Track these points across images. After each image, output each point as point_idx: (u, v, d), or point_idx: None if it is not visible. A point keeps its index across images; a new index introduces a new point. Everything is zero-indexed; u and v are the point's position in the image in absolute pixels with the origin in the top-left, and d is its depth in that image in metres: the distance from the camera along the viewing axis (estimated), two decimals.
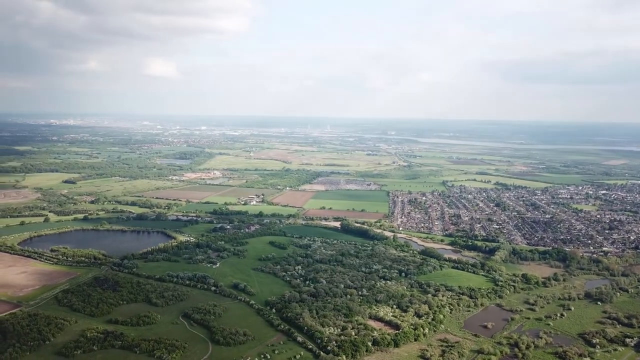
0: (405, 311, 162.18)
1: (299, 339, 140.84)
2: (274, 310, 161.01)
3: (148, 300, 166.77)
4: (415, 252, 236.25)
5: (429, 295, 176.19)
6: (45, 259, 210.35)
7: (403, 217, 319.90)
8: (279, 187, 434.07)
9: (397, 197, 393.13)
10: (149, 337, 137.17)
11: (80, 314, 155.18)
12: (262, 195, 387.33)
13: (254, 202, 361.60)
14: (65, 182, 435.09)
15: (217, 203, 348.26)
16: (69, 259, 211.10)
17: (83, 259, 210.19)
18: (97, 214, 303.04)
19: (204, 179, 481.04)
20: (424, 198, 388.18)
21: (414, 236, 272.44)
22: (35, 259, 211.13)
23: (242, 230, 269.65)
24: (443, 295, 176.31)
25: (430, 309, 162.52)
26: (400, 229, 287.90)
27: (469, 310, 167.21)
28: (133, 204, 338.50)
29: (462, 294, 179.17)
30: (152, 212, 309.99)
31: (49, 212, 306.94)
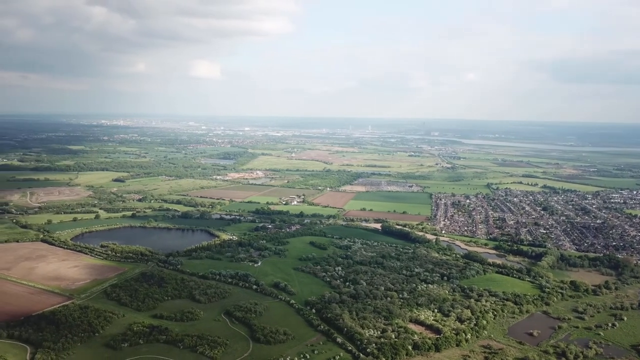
0: (447, 315, 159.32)
1: (339, 340, 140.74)
2: (313, 310, 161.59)
3: (191, 297, 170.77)
4: (457, 255, 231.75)
5: (472, 300, 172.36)
6: (96, 254, 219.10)
7: (446, 220, 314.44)
8: (319, 187, 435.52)
9: (440, 199, 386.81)
10: (192, 333, 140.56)
11: (127, 308, 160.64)
12: (303, 195, 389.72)
13: (295, 202, 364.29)
14: (115, 180, 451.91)
15: (259, 203, 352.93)
16: (117, 254, 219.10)
17: (131, 255, 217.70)
18: (145, 212, 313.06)
19: (246, 178, 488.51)
20: (467, 201, 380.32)
21: (456, 239, 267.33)
22: (86, 253, 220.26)
23: (283, 230, 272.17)
24: (486, 301, 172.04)
25: (472, 314, 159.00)
26: (443, 232, 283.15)
27: (513, 317, 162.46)
28: (178, 202, 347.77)
29: (507, 299, 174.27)
30: (197, 211, 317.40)
31: (100, 209, 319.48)
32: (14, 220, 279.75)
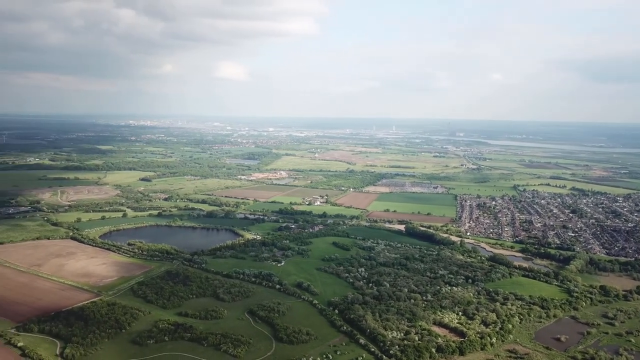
0: (472, 319, 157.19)
1: (361, 341, 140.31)
2: (336, 311, 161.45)
3: (216, 296, 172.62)
4: (483, 258, 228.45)
5: (497, 303, 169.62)
6: (123, 252, 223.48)
7: (471, 222, 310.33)
8: (342, 188, 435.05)
9: (465, 201, 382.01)
10: (216, 331, 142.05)
11: (153, 305, 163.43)
12: (326, 196, 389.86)
13: (318, 203, 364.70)
14: (142, 180, 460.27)
15: (282, 203, 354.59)
16: (144, 252, 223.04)
17: (157, 253, 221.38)
18: (170, 211, 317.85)
19: (270, 179, 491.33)
20: (493, 202, 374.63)
21: (482, 242, 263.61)
22: (113, 251, 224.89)
23: (306, 230, 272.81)
24: (512, 304, 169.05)
25: (498, 318, 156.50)
26: (468, 234, 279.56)
27: (540, 321, 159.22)
28: (203, 202, 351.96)
29: (533, 303, 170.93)
30: (221, 210, 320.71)
31: (127, 208, 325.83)
32: (45, 218, 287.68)
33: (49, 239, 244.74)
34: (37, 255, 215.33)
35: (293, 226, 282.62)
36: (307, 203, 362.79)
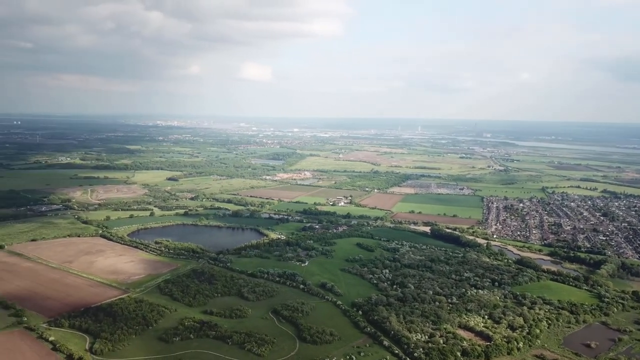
0: (498, 322, 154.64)
1: (385, 343, 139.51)
2: (360, 312, 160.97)
3: (240, 295, 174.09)
4: (510, 261, 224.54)
5: (525, 307, 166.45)
6: (150, 250, 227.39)
7: (498, 224, 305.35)
8: (367, 189, 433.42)
9: (492, 202, 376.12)
10: (240, 330, 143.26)
11: (179, 303, 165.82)
12: (350, 196, 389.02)
13: (342, 203, 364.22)
14: (169, 179, 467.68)
15: (306, 203, 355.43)
16: (170, 251, 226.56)
17: (183, 251, 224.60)
18: (197, 210, 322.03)
19: (295, 179, 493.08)
20: (521, 205, 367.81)
21: (509, 244, 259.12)
22: (141, 249, 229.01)
23: (330, 231, 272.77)
24: (540, 309, 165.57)
25: (525, 322, 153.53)
26: (495, 236, 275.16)
27: (569, 327, 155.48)
28: (229, 201, 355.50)
29: (562, 308, 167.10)
30: (246, 210, 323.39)
31: (154, 206, 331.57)
32: (76, 216, 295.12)
33: (79, 236, 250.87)
34: (68, 252, 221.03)
35: (317, 226, 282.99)
36: (331, 203, 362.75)
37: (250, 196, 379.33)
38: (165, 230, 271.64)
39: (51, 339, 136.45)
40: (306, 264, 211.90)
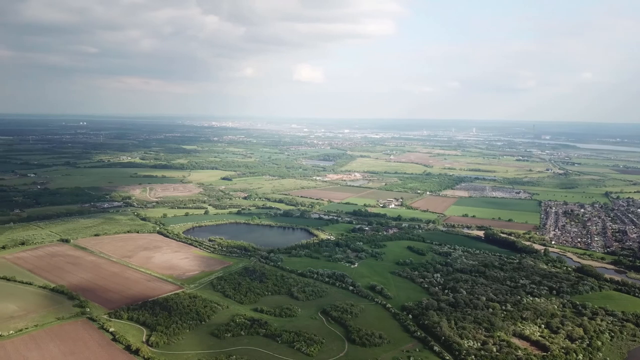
0: (556, 332, 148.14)
1: (435, 348, 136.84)
2: (410, 316, 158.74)
3: (290, 294, 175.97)
4: (569, 268, 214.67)
5: (585, 318, 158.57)
6: (204, 247, 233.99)
7: (556, 230, 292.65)
8: (418, 191, 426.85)
9: (550, 207, 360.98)
10: (289, 329, 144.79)
11: (231, 300, 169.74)
12: (401, 198, 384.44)
13: (393, 206, 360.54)
14: (223, 179, 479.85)
15: (356, 204, 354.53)
16: (223, 248, 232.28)
17: (235, 249, 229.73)
18: (249, 209, 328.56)
19: (344, 180, 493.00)
20: (582, 210, 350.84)
21: (568, 251, 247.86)
22: (195, 246, 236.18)
23: (380, 233, 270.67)
24: (602, 320, 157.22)
25: (585, 334, 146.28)
26: (553, 242, 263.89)
27: (634, 340, 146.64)
28: (280, 201, 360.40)
29: (627, 320, 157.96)
30: (297, 210, 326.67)
31: (209, 205, 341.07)
32: (135, 213, 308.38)
33: (138, 232, 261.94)
34: (127, 248, 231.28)
35: (367, 228, 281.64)
36: (381, 205, 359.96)
37: (301, 196, 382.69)
38: (218, 228, 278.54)
39: (111, 330, 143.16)
40: (355, 265, 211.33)
